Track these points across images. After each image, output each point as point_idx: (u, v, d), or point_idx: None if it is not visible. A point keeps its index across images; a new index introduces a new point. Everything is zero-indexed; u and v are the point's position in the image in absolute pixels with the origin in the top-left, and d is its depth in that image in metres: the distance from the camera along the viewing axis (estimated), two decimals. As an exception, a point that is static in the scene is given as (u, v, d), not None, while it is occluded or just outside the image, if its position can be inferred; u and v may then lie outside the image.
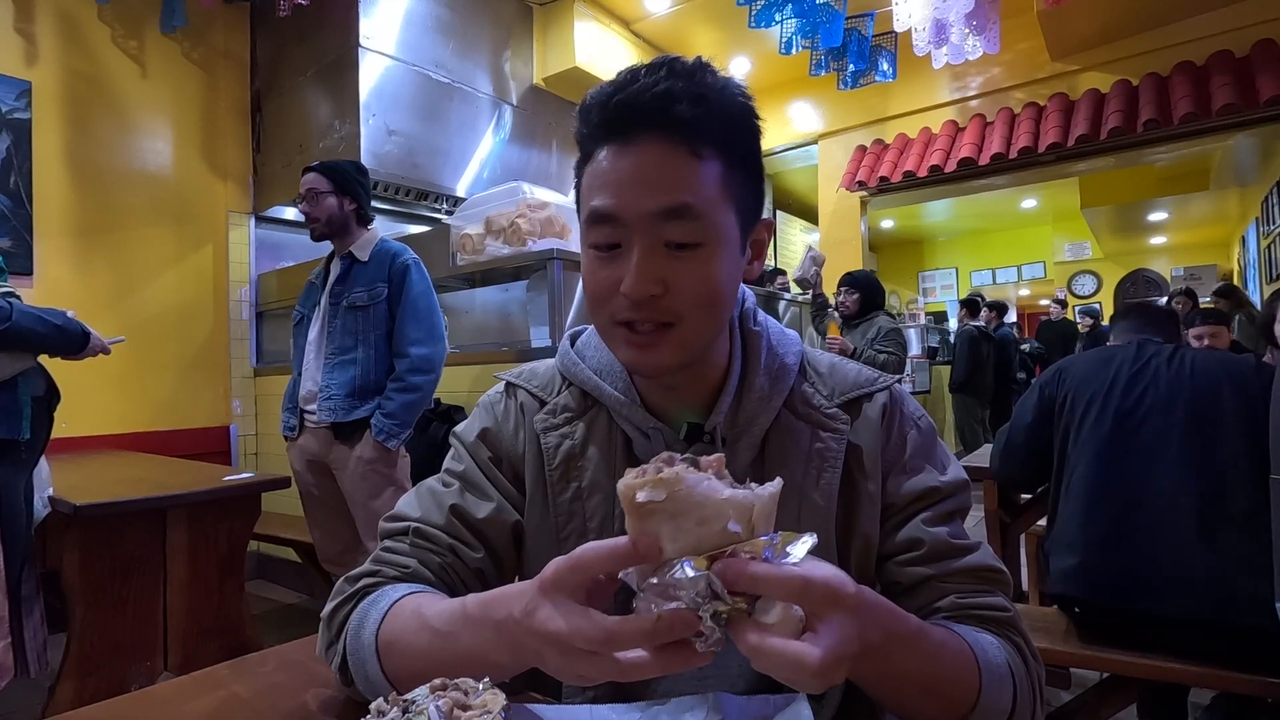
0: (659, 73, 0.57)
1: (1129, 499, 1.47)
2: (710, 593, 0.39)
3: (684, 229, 0.57)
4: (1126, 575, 1.44)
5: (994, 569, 0.63)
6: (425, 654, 0.54)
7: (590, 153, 0.61)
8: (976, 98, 4.88)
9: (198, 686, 0.64)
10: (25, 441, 1.72)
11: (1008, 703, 0.56)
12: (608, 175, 0.58)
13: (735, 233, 0.60)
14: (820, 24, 3.45)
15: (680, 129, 0.56)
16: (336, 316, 2.26)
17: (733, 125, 0.59)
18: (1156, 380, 1.54)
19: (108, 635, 1.90)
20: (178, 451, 3.30)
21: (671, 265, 0.57)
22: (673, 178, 0.56)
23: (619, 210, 0.57)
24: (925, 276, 10.79)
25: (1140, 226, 8.13)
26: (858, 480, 0.65)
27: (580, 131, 0.62)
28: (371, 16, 3.52)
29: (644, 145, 0.57)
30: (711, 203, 0.57)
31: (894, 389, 0.70)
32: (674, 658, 0.41)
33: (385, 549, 0.67)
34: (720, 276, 0.59)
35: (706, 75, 0.58)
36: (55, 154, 3.20)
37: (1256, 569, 1.31)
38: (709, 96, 0.57)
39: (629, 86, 0.57)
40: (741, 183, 0.60)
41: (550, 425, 0.69)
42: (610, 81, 0.59)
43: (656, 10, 4.51)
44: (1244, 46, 3.88)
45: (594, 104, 0.59)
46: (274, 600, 3.40)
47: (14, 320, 1.63)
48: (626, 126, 0.57)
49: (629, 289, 0.56)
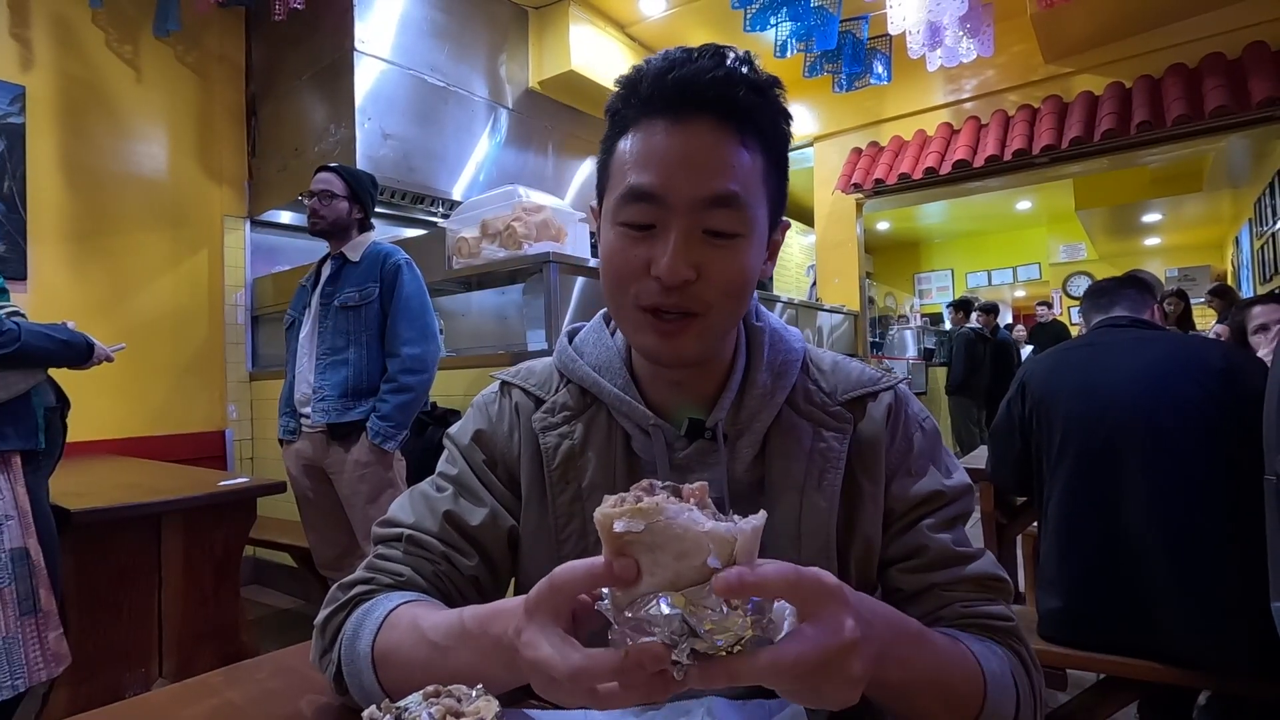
0: (716, 57, 0.56)
1: (1101, 535, 1.44)
2: (686, 629, 0.38)
3: (727, 218, 0.56)
4: (1112, 617, 1.42)
5: (997, 577, 0.63)
6: (423, 666, 0.53)
7: (629, 127, 0.58)
8: (971, 100, 4.90)
9: (192, 693, 0.64)
10: (43, 450, 1.80)
11: (1011, 711, 0.56)
12: (654, 152, 0.56)
13: (765, 228, 0.60)
14: (815, 27, 3.47)
15: (735, 115, 0.55)
16: (327, 317, 2.26)
17: (776, 120, 0.59)
18: (1116, 396, 1.46)
19: (102, 641, 1.89)
20: (173, 456, 3.28)
21: (707, 253, 0.56)
22: (723, 164, 0.55)
23: (664, 190, 0.55)
24: (921, 278, 10.81)
25: (1134, 228, 8.16)
26: (860, 481, 0.64)
27: (621, 103, 0.59)
28: (367, 20, 3.52)
29: (697, 127, 0.55)
30: (754, 194, 0.57)
31: (899, 389, 0.68)
32: (651, 687, 0.39)
33: (379, 556, 0.66)
34: (750, 268, 0.58)
35: (757, 67, 0.57)
36: (49, 159, 3.19)
37: (1247, 576, 1.28)
38: (762, 88, 0.57)
39: (687, 65, 0.55)
40: (776, 179, 0.60)
41: (549, 425, 0.68)
42: (661, 56, 0.57)
43: (652, 13, 4.51)
44: (1236, 49, 3.90)
45: (645, 76, 0.57)
46: (270, 605, 3.39)
47: (23, 340, 1.70)
48: (682, 104, 0.55)
49: (665, 271, 0.55)
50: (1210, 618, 1.33)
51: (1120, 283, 1.74)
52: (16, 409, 1.73)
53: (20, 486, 1.71)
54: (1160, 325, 1.66)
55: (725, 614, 0.38)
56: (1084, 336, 1.71)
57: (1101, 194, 6.96)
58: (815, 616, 0.41)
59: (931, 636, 0.53)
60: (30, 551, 1.68)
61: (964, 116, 4.88)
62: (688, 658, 0.38)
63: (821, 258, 5.57)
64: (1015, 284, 10.36)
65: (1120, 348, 1.56)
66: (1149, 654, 1.39)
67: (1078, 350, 1.63)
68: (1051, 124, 4.32)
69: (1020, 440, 1.63)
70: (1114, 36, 4.24)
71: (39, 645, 1.68)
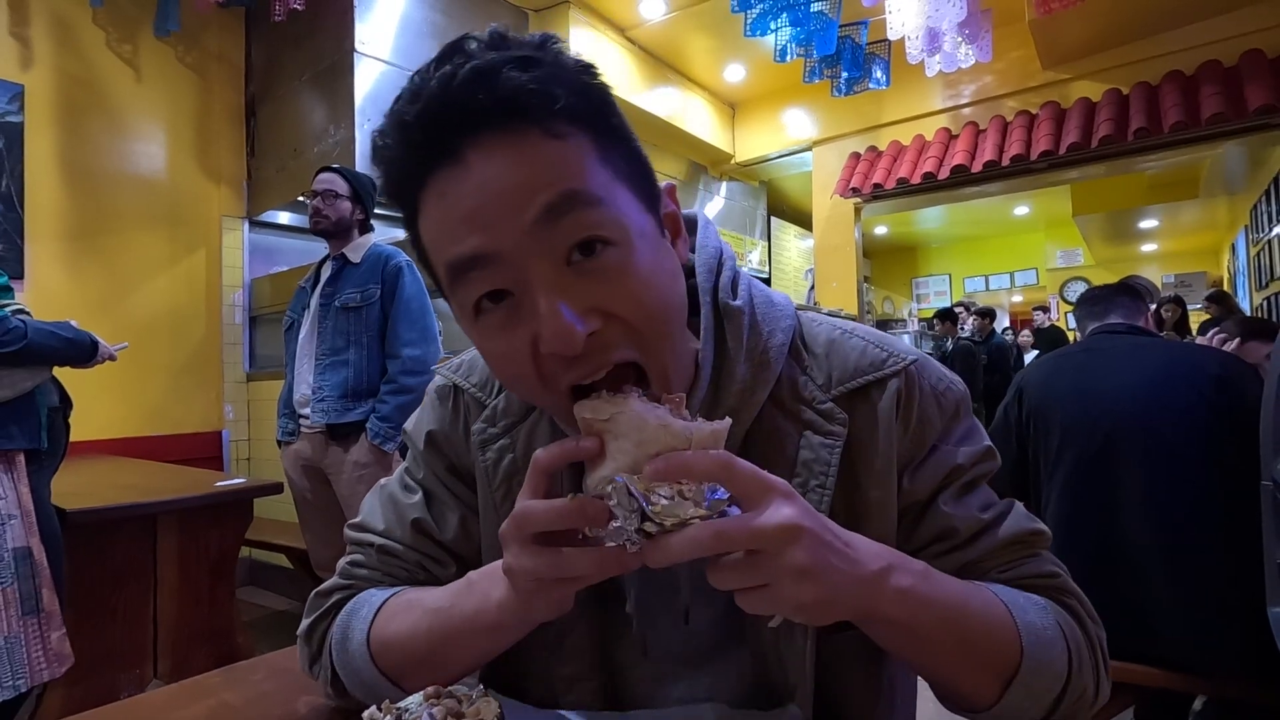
0: (456, 58, 0.43)
1: (1097, 540, 1.44)
2: (637, 508, 0.40)
3: (581, 221, 0.43)
4: (1108, 622, 1.42)
5: (1031, 531, 0.55)
6: (425, 636, 0.54)
7: (416, 201, 0.46)
8: (969, 105, 4.91)
9: (188, 694, 0.64)
10: (46, 450, 1.80)
11: (1062, 669, 0.50)
12: (455, 209, 0.43)
13: (644, 217, 0.47)
14: (815, 32, 3.48)
15: (518, 109, 0.42)
16: (327, 318, 2.26)
17: (581, 88, 0.45)
18: (1113, 402, 1.46)
19: (97, 642, 1.88)
20: (169, 457, 3.27)
21: (590, 286, 0.43)
22: (538, 169, 0.42)
23: (490, 240, 0.42)
24: (919, 283, 10.83)
25: (1131, 234, 8.19)
26: (864, 487, 0.54)
27: (389, 184, 0.47)
28: (367, 22, 3.52)
29: (483, 150, 0.42)
30: (598, 181, 0.44)
31: (910, 370, 0.55)
32: (604, 558, 0.42)
33: (352, 563, 0.64)
34: (652, 267, 0.46)
35: (512, 40, 0.45)
36: (48, 157, 3.18)
37: (1243, 582, 1.28)
38: (534, 59, 0.43)
39: (424, 90, 0.43)
40: (622, 156, 0.47)
41: (489, 438, 0.60)
42: (398, 101, 0.45)
43: (651, 17, 4.52)
44: (1232, 57, 3.92)
45: (391, 138, 0.45)
46: (265, 607, 3.38)
47: (30, 338, 1.70)
48: (447, 138, 0.43)
49: (556, 339, 0.42)
50: (1206, 623, 1.33)
51: (1114, 290, 1.75)
52: (21, 408, 1.73)
53: (24, 486, 1.70)
54: (1155, 332, 1.67)
55: (674, 501, 0.40)
56: (1081, 342, 1.71)
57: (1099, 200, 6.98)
58: (752, 503, 0.41)
59: (943, 577, 0.48)
60: (33, 551, 1.68)
61: (962, 122, 4.89)
62: (636, 533, 0.40)
63: (820, 262, 5.58)
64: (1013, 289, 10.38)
65: (1117, 354, 1.56)
66: (1145, 659, 1.39)
67: (1075, 356, 1.64)
68: (1049, 130, 4.33)
69: (1017, 445, 1.63)
70: (1111, 43, 4.25)
71: (41, 645, 1.67)
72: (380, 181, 0.48)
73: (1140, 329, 1.65)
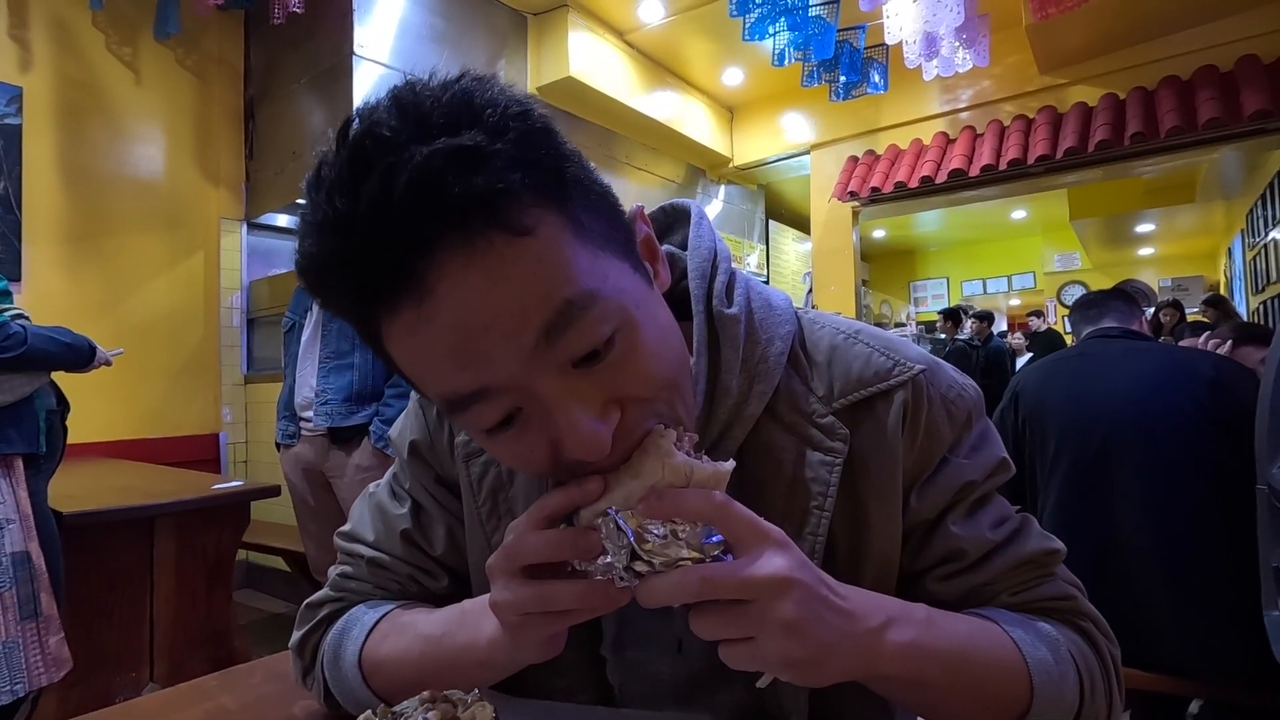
0: (378, 162, 0.34)
1: (1093, 544, 1.44)
2: (629, 545, 0.39)
3: (583, 332, 0.38)
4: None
5: (1044, 551, 0.53)
6: (416, 662, 0.53)
7: (378, 334, 0.41)
8: (966, 110, 4.93)
9: (184, 698, 0.64)
10: (44, 453, 1.81)
11: (1073, 700, 0.48)
12: (431, 348, 0.38)
13: (633, 278, 0.42)
14: (813, 36, 3.48)
15: (476, 215, 0.35)
16: (331, 320, 2.25)
17: (530, 153, 0.37)
18: (1108, 406, 1.46)
19: (93, 645, 1.87)
20: (166, 459, 3.26)
21: (602, 380, 0.39)
22: (520, 285, 0.36)
23: (485, 375, 0.38)
24: (916, 286, 10.84)
25: (1128, 238, 8.21)
26: (866, 505, 0.51)
27: (339, 314, 0.42)
28: (366, 25, 3.53)
29: (447, 275, 0.35)
30: (587, 270, 0.38)
31: (918, 379, 0.52)
32: (592, 591, 0.40)
33: (343, 574, 0.63)
34: (656, 337, 0.42)
35: (426, 99, 0.36)
36: (46, 159, 3.18)
37: (1239, 585, 1.29)
38: (475, 148, 0.35)
39: (357, 216, 0.35)
40: (589, 212, 0.40)
41: (474, 450, 0.57)
42: (320, 230, 0.37)
43: (650, 20, 4.53)
44: (1228, 62, 3.93)
45: (331, 277, 0.38)
46: (262, 610, 3.37)
47: (29, 344, 1.71)
48: (403, 267, 0.35)
49: (580, 448, 0.39)
50: (1202, 626, 1.34)
51: (1108, 295, 1.76)
52: (20, 412, 1.73)
53: (22, 490, 1.70)
54: (1150, 335, 1.68)
55: (667, 540, 0.39)
56: (1076, 347, 1.72)
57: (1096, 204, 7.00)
58: (744, 550, 0.39)
59: (947, 621, 0.46)
60: (32, 555, 1.68)
61: (960, 126, 4.91)
62: (625, 571, 0.39)
63: (818, 265, 5.59)
64: (1010, 293, 10.40)
65: (1113, 358, 1.57)
66: (1141, 662, 1.39)
67: (1070, 360, 1.64)
68: (1046, 134, 4.34)
69: (1013, 450, 1.63)
70: (1108, 48, 4.27)
71: (39, 650, 1.67)
72: (323, 309, 0.45)
73: (1135, 333, 1.65)
